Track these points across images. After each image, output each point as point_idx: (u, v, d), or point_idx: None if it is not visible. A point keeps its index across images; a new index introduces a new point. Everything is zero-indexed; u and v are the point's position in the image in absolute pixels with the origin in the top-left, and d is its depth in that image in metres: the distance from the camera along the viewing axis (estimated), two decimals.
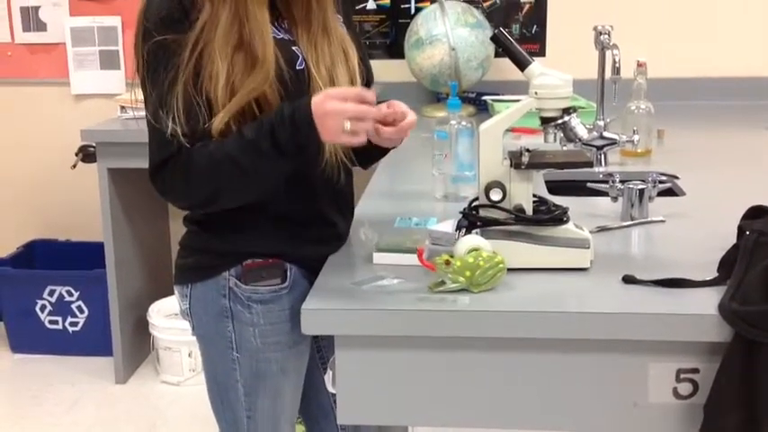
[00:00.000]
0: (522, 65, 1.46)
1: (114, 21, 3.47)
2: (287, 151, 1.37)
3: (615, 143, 2.22)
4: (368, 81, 1.62)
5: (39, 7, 3.50)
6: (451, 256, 1.36)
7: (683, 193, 1.96)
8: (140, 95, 1.46)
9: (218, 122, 1.39)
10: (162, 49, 1.40)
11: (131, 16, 1.46)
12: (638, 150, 2.27)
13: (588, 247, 1.42)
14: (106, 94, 3.46)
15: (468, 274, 1.34)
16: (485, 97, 3.12)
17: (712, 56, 3.28)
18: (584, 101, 2.66)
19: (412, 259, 1.42)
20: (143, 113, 1.45)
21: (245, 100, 1.40)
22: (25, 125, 3.62)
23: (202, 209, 1.53)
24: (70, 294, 3.38)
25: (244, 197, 1.46)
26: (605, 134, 2.22)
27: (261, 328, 1.53)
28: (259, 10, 1.41)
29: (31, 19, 3.51)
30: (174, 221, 3.60)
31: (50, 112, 3.58)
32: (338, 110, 1.33)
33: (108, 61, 3.51)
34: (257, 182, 1.42)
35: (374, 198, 1.99)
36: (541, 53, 3.34)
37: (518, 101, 1.48)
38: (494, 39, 1.50)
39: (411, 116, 1.45)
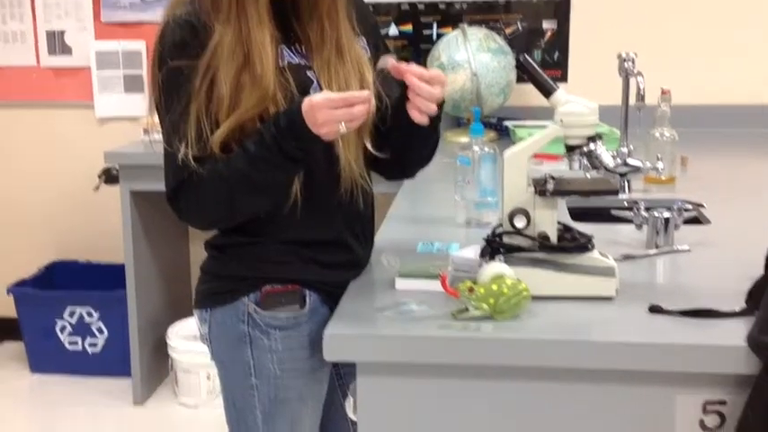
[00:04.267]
0: (547, 92, 1.45)
1: (139, 45, 3.51)
2: (296, 157, 1.39)
3: (639, 170, 2.19)
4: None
5: (64, 31, 3.54)
6: (475, 283, 1.35)
7: (708, 222, 1.94)
8: (156, 119, 1.49)
9: (217, 136, 1.40)
10: (176, 75, 1.42)
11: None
12: (662, 177, 2.25)
13: (614, 276, 1.41)
14: (130, 116, 3.49)
15: (491, 301, 1.32)
16: (506, 123, 3.11)
17: (736, 83, 3.26)
18: (607, 127, 2.65)
19: (435, 285, 1.41)
20: (156, 137, 1.49)
21: (245, 117, 1.41)
22: (49, 147, 3.65)
23: (220, 226, 1.54)
24: (90, 315, 3.39)
25: (259, 208, 1.47)
26: (629, 161, 2.20)
27: (279, 355, 1.53)
28: (259, 30, 1.42)
29: (57, 43, 3.55)
30: (194, 243, 3.61)
31: (74, 135, 3.62)
32: (329, 119, 1.35)
33: (132, 84, 3.54)
34: (270, 191, 1.44)
35: (395, 223, 1.99)
36: (563, 79, 3.34)
37: (540, 126, 1.47)
38: (519, 65, 1.51)
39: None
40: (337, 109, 1.35)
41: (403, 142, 1.56)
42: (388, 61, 1.44)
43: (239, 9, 1.42)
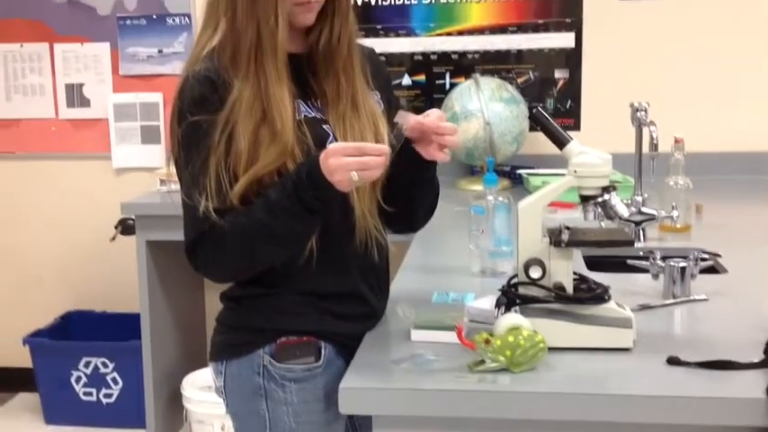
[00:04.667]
0: (560, 143, 1.46)
1: (156, 97, 3.56)
2: (313, 208, 1.40)
3: (654, 219, 2.20)
4: None
5: (83, 84, 3.60)
6: (491, 335, 1.34)
7: (724, 271, 1.93)
8: (173, 170, 1.51)
9: (236, 190, 1.42)
10: (195, 130, 1.44)
11: (172, 92, 1.51)
12: (678, 226, 2.25)
13: (631, 327, 1.40)
14: (146, 167, 3.53)
15: (508, 353, 1.32)
16: (520, 171, 3.12)
17: (749, 130, 3.26)
18: (621, 175, 2.66)
19: (450, 337, 1.41)
20: (174, 187, 1.50)
21: (264, 171, 1.43)
22: (67, 198, 3.68)
23: (237, 278, 1.54)
24: (105, 366, 3.38)
25: (277, 258, 1.48)
26: (644, 210, 2.21)
27: (294, 407, 1.52)
28: (279, 86, 1.45)
29: (75, 95, 3.61)
30: (209, 294, 3.61)
31: (91, 186, 3.65)
32: (341, 165, 1.36)
33: (149, 136, 3.59)
34: (289, 241, 1.45)
35: (410, 272, 1.99)
36: (576, 128, 3.35)
37: (554, 175, 1.48)
38: (532, 117, 1.52)
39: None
40: (350, 156, 1.36)
41: (407, 193, 1.57)
42: (409, 119, 1.44)
43: (258, 65, 1.44)
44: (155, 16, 3.51)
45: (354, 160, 1.36)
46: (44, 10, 3.56)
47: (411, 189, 1.58)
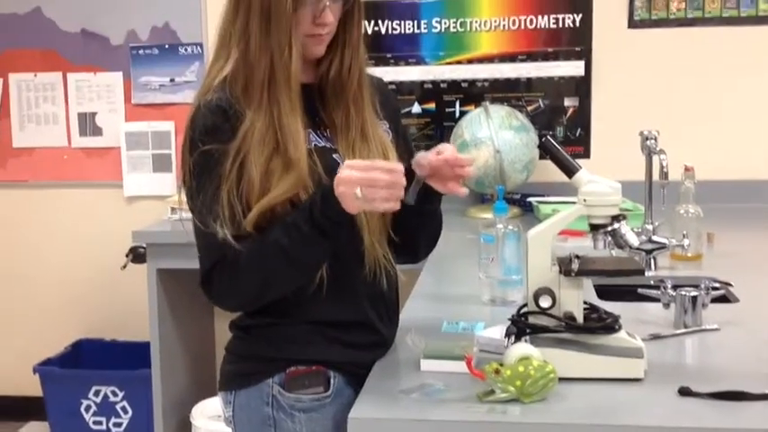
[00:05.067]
0: (570, 172, 1.46)
1: (168, 125, 3.58)
2: (322, 226, 1.39)
3: (665, 247, 2.19)
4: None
5: (96, 113, 3.63)
6: (501, 365, 1.34)
7: (736, 300, 1.92)
8: (184, 198, 1.51)
9: (250, 218, 1.42)
10: (207, 158, 1.45)
11: (184, 121, 1.52)
12: (689, 255, 2.24)
13: (642, 357, 1.39)
14: (158, 195, 3.54)
15: (518, 383, 1.31)
16: (530, 199, 3.12)
17: (759, 158, 3.26)
18: (632, 203, 2.65)
19: (460, 366, 1.40)
20: (185, 216, 1.51)
21: (278, 200, 1.43)
22: (78, 226, 3.70)
23: (251, 306, 1.53)
24: (115, 395, 3.38)
25: (290, 283, 1.47)
26: (654, 238, 2.20)
27: None
28: (292, 117, 1.46)
29: (88, 124, 3.64)
30: (219, 322, 3.61)
31: (103, 214, 3.67)
32: (345, 178, 1.36)
33: (160, 164, 3.61)
34: (301, 264, 1.44)
35: (420, 301, 1.98)
36: (586, 155, 3.36)
37: (564, 202, 1.48)
38: (541, 146, 1.52)
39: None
40: (360, 173, 1.36)
41: (410, 225, 1.57)
42: (426, 160, 1.44)
43: (271, 96, 1.45)
44: (167, 46, 3.54)
45: (363, 176, 1.35)
46: (58, 40, 3.60)
47: (414, 221, 1.58)
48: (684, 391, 1.32)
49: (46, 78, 3.64)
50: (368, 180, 1.35)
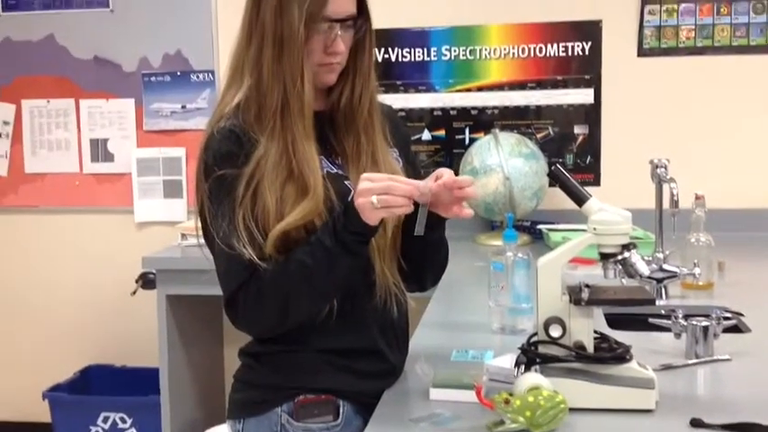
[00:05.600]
0: (579, 200, 1.46)
1: (179, 152, 3.60)
2: (345, 241, 1.40)
3: (676, 276, 2.18)
4: None
5: (107, 139, 3.66)
6: (511, 395, 1.33)
7: (748, 330, 1.90)
8: (198, 223, 1.52)
9: (268, 242, 1.43)
10: (223, 183, 1.46)
11: (195, 147, 1.53)
12: (700, 283, 2.23)
13: (653, 388, 1.38)
14: (168, 221, 3.55)
15: (528, 414, 1.30)
16: (540, 226, 3.12)
17: None
18: (642, 231, 2.64)
19: (469, 396, 1.39)
20: (203, 241, 1.51)
21: (292, 226, 1.43)
22: (88, 252, 3.71)
23: (275, 330, 1.51)
24: (123, 421, 3.37)
25: (313, 305, 1.47)
26: (665, 267, 2.19)
27: None
28: (307, 144, 1.47)
29: (100, 150, 3.67)
30: (228, 349, 3.61)
31: (113, 240, 3.68)
32: (364, 189, 1.38)
33: (171, 190, 3.62)
34: (325, 283, 1.44)
35: (429, 329, 1.98)
36: (596, 183, 3.35)
37: (574, 230, 1.47)
38: (551, 175, 1.52)
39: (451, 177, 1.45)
40: (373, 181, 1.37)
41: (416, 253, 1.58)
42: (428, 188, 1.44)
43: (284, 124, 1.46)
44: (179, 73, 3.57)
45: (378, 184, 1.37)
46: (71, 67, 3.63)
47: (421, 251, 1.58)
48: (697, 423, 1.31)
49: (59, 105, 3.67)
50: (383, 188, 1.37)
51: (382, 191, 1.37)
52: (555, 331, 1.41)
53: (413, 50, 3.43)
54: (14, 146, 3.71)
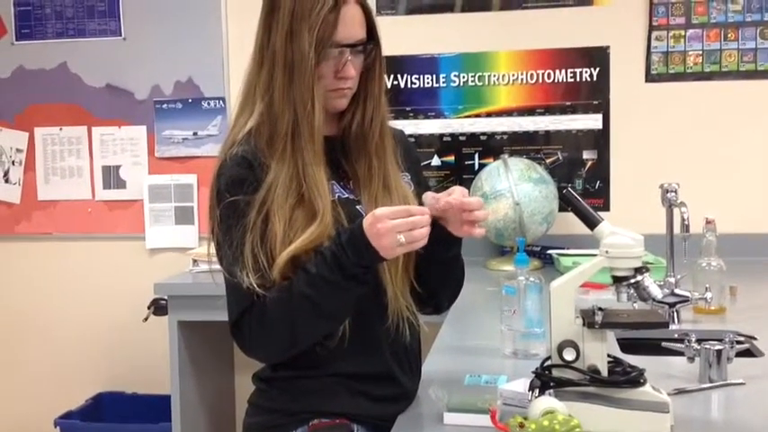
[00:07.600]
0: (591, 224, 1.46)
1: (191, 178, 3.62)
2: (355, 275, 1.40)
3: (688, 300, 2.18)
4: None
5: (119, 166, 3.68)
6: (525, 419, 1.33)
7: (761, 354, 1.90)
8: (212, 250, 1.53)
9: (275, 268, 1.43)
10: (234, 209, 1.47)
11: (206, 174, 1.55)
12: (712, 308, 2.23)
13: (668, 411, 1.38)
14: (179, 248, 3.57)
15: None
16: (550, 251, 3.12)
17: None
18: (653, 256, 2.64)
19: (484, 420, 1.39)
20: (215, 267, 1.51)
21: (301, 250, 1.44)
22: (100, 279, 3.72)
23: (282, 355, 1.52)
24: None
25: (320, 331, 1.47)
26: (677, 291, 2.19)
27: None
28: (316, 169, 1.48)
29: (112, 177, 3.69)
30: (239, 375, 3.60)
31: (125, 266, 3.69)
32: (390, 228, 1.36)
33: (182, 216, 3.64)
34: (331, 312, 1.45)
35: (442, 353, 1.98)
36: (606, 208, 3.35)
37: (584, 255, 1.48)
38: (562, 198, 1.52)
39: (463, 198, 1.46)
40: (398, 219, 1.37)
41: (432, 274, 1.58)
42: (436, 199, 1.46)
43: (295, 148, 1.48)
44: (190, 100, 3.60)
45: (403, 221, 1.37)
46: (83, 95, 3.67)
47: (437, 270, 1.59)
48: None
49: (71, 132, 3.71)
50: (408, 224, 1.37)
51: (408, 227, 1.37)
52: (569, 355, 1.41)
53: (422, 77, 3.46)
54: (27, 173, 3.74)
